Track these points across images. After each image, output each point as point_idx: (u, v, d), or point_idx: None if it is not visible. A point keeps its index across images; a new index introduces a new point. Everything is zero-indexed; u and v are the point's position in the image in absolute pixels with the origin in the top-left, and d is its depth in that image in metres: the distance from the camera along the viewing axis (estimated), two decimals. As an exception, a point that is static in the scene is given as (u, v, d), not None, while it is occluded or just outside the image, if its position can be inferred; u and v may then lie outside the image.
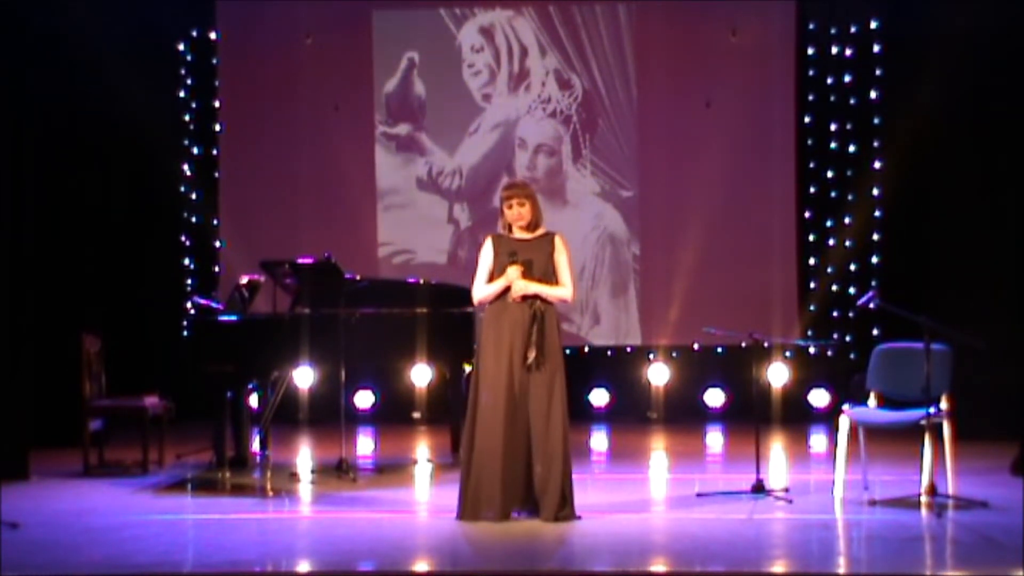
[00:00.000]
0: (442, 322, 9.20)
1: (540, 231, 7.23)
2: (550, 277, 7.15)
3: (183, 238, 12.53)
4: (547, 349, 7.05)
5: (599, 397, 12.24)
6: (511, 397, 7.01)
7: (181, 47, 12.61)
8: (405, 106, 12.15)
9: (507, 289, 7.11)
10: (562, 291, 7.15)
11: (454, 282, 10.05)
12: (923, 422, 7.30)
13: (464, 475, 7.10)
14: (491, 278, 7.17)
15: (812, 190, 12.20)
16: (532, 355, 7.01)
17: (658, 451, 10.51)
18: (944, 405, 7.49)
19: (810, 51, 12.17)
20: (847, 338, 12.06)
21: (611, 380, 12.26)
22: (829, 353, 12.09)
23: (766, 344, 11.27)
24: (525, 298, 7.09)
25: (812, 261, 12.11)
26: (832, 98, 12.17)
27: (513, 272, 7.08)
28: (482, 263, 7.22)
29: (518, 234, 7.20)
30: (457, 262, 11.99)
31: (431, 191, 12.16)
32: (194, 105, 12.63)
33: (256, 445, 9.43)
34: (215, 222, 12.43)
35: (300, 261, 8.90)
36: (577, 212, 12.00)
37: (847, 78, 12.16)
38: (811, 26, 12.16)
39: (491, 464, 6.99)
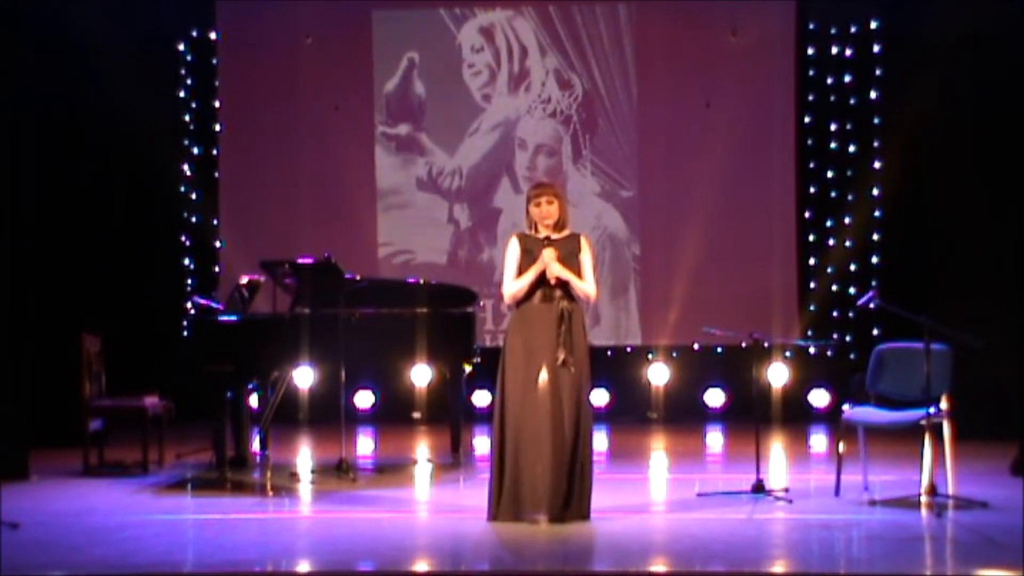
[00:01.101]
0: (442, 322, 9.20)
1: (566, 231, 7.23)
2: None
3: (183, 238, 12.53)
4: (575, 349, 7.05)
5: (599, 397, 12.22)
6: (541, 399, 6.98)
7: (181, 47, 12.62)
8: (405, 106, 12.16)
9: (533, 290, 7.10)
10: (588, 287, 7.15)
11: (454, 282, 10.08)
12: (923, 422, 7.30)
13: (496, 477, 7.04)
14: (519, 275, 7.14)
15: (812, 190, 12.21)
16: (562, 355, 7.00)
17: (658, 451, 10.51)
18: (944, 405, 7.49)
19: (810, 51, 12.18)
20: (847, 338, 12.07)
21: (611, 380, 12.25)
22: (829, 353, 12.09)
23: (766, 344, 11.28)
24: (551, 299, 7.08)
25: (812, 261, 12.12)
26: (832, 98, 12.19)
27: (548, 255, 7.06)
28: (509, 260, 7.18)
29: (544, 233, 7.19)
30: (457, 262, 12.01)
31: (431, 191, 12.16)
32: (194, 105, 12.64)
33: (256, 445, 9.43)
34: (215, 222, 12.43)
35: (300, 261, 8.90)
36: (577, 212, 11.96)
37: (847, 78, 12.17)
38: (811, 26, 12.17)
39: (523, 465, 6.95)
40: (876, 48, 12.10)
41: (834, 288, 12.06)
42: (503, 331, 7.26)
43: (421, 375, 12.12)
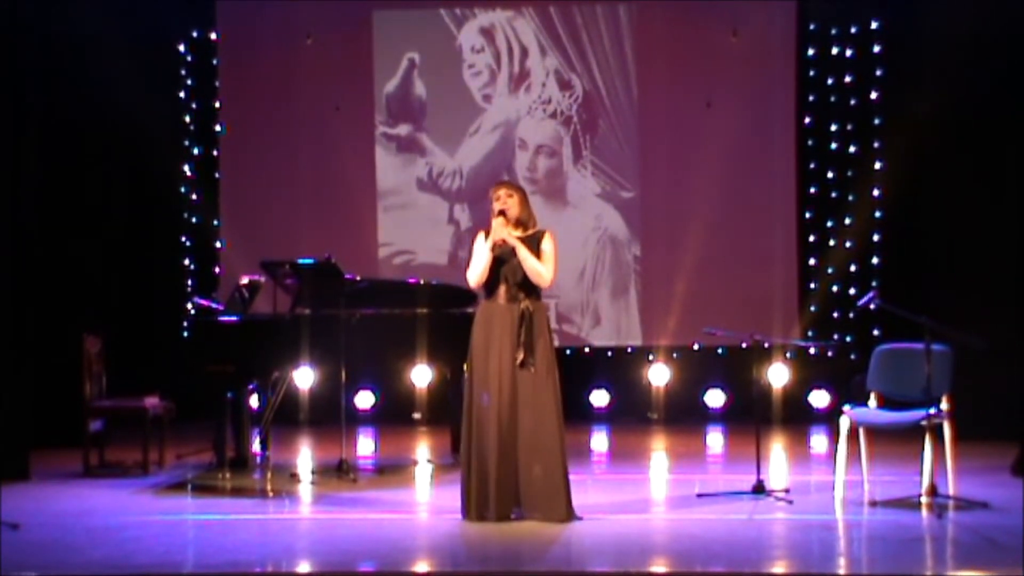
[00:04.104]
0: (442, 322, 9.20)
1: (531, 231, 7.24)
2: None
3: (184, 239, 12.53)
4: (537, 349, 7.05)
5: (599, 398, 12.23)
6: (504, 398, 7.01)
7: (181, 48, 12.61)
8: (405, 107, 12.17)
9: (496, 286, 7.12)
10: (541, 267, 7.13)
11: (454, 282, 10.11)
12: (923, 423, 7.30)
13: (465, 476, 7.12)
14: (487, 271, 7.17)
15: (812, 190, 12.20)
16: (521, 356, 7.02)
17: (659, 452, 10.51)
18: (944, 406, 7.49)
19: (811, 52, 12.17)
20: (847, 339, 12.05)
21: (612, 380, 12.26)
22: (829, 354, 12.08)
23: (767, 345, 11.27)
24: (515, 299, 7.10)
25: (812, 261, 12.11)
26: (833, 99, 12.18)
27: (498, 222, 7.12)
28: (475, 253, 7.25)
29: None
30: (457, 263, 11.95)
31: (431, 192, 12.18)
32: (194, 106, 12.63)
33: (256, 446, 9.43)
34: (215, 223, 12.43)
35: (300, 262, 8.90)
36: (577, 213, 12.01)
37: (848, 79, 12.16)
38: (812, 27, 12.17)
39: (488, 465, 7.00)
40: (876, 48, 12.09)
41: (835, 289, 12.05)
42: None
43: (421, 376, 12.11)
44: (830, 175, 12.19)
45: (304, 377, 11.72)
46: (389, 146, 12.19)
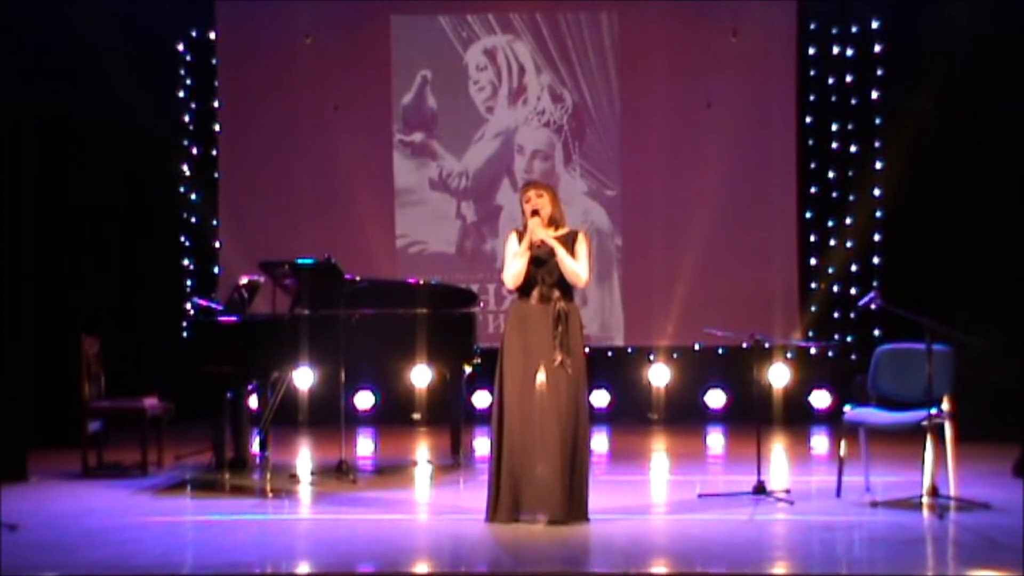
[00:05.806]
0: (442, 323, 9.19)
1: (564, 230, 7.22)
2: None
3: (183, 238, 12.53)
4: (572, 350, 7.02)
5: (600, 398, 12.22)
6: (537, 399, 6.96)
7: (181, 47, 12.61)
8: (419, 117, 12.64)
9: (531, 288, 7.08)
10: (577, 266, 7.10)
11: (455, 282, 10.16)
12: (925, 423, 7.29)
13: (493, 478, 7.04)
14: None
15: (813, 190, 12.20)
16: (559, 357, 6.97)
17: (659, 452, 10.50)
18: (946, 406, 7.48)
19: (811, 51, 12.18)
20: (848, 339, 12.06)
21: (612, 381, 12.25)
22: (830, 354, 12.08)
23: (767, 345, 11.27)
24: (548, 299, 7.06)
25: (813, 261, 12.11)
26: (833, 98, 12.18)
27: (534, 222, 7.09)
28: (508, 253, 7.19)
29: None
30: (464, 252, 12.50)
31: (441, 190, 12.63)
32: (193, 106, 12.63)
33: (256, 446, 9.42)
34: (214, 222, 12.43)
35: (300, 262, 8.89)
36: (568, 209, 12.06)
37: (848, 78, 12.16)
38: (812, 26, 12.18)
39: (521, 465, 6.94)
40: (877, 48, 12.09)
41: (835, 289, 12.06)
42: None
43: (421, 376, 12.11)
44: (830, 175, 12.19)
45: (304, 377, 11.71)
46: (405, 151, 12.66)
